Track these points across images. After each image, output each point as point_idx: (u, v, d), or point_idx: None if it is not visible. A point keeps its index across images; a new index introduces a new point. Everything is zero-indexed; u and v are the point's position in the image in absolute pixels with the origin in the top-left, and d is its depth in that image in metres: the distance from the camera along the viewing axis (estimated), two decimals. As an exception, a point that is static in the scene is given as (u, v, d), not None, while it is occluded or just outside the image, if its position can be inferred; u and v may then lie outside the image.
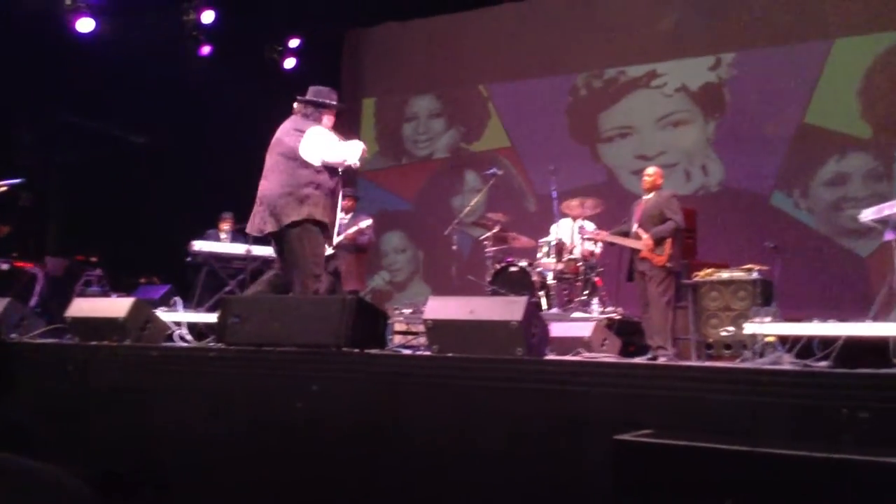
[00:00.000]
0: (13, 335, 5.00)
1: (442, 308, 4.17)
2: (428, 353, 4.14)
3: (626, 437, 2.68)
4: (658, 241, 6.60)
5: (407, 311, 7.93)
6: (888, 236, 5.19)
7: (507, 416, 3.33)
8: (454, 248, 8.31)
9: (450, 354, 3.90)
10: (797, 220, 9.16)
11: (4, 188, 6.88)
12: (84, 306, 5.17)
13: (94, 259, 9.11)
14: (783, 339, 4.93)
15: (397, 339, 7.33)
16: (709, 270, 6.90)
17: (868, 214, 5.23)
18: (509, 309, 3.92)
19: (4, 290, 7.28)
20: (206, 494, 3.89)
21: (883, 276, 5.33)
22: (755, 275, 6.62)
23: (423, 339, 5.56)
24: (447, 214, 9.80)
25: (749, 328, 5.32)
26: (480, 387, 3.48)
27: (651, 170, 7.03)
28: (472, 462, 3.37)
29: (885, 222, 5.14)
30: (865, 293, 7.68)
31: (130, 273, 9.35)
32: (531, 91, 10.84)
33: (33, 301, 8.04)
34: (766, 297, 6.42)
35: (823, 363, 4.31)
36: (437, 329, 4.06)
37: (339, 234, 7.53)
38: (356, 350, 3.98)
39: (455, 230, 8.29)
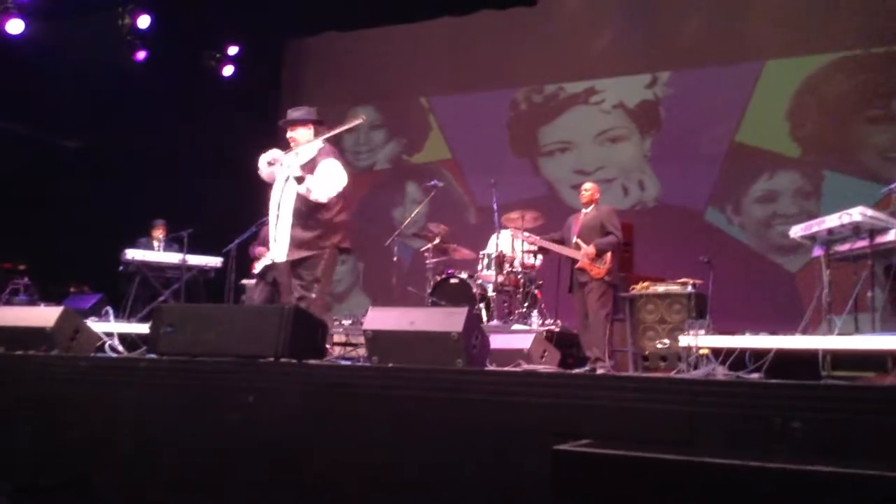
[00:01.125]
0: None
1: (382, 319, 4.14)
2: (367, 363, 4.10)
3: (564, 447, 2.69)
4: (599, 253, 6.68)
5: (347, 321, 7.87)
6: (816, 252, 5.36)
7: (446, 427, 3.32)
8: (395, 259, 8.28)
9: (390, 365, 3.87)
10: (730, 236, 9.38)
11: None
12: (10, 315, 4.99)
13: (21, 267, 8.80)
14: (716, 352, 5.04)
15: (337, 350, 7.25)
16: (645, 284, 7.01)
17: (797, 231, 5.39)
18: (450, 320, 3.92)
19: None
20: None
21: (812, 291, 5.48)
22: (690, 289, 6.76)
23: (362, 350, 5.52)
24: (388, 225, 9.78)
25: (684, 341, 5.43)
26: (420, 398, 3.46)
27: (588, 185, 7.15)
28: (410, 473, 3.34)
29: (813, 238, 5.31)
30: (795, 307, 7.88)
31: (60, 282, 9.07)
32: (472, 104, 10.91)
33: (-45, 310, 7.72)
34: (700, 310, 6.55)
35: (755, 375, 4.42)
36: (377, 340, 4.03)
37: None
38: (294, 360, 3.91)
39: (396, 241, 8.27)
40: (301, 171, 5.15)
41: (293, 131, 5.42)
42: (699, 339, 5.18)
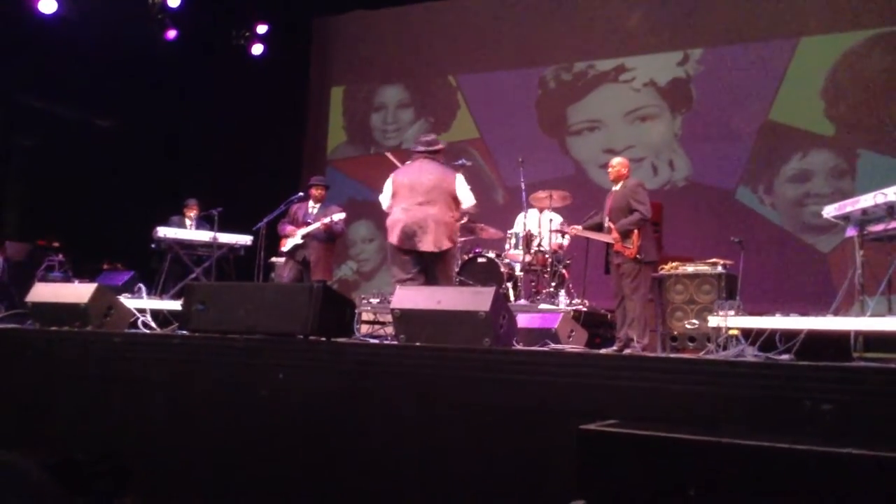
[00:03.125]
0: (-29, 320, 4.90)
1: (409, 298, 4.16)
2: (395, 342, 4.13)
3: (591, 426, 2.69)
4: (625, 234, 6.54)
5: (374, 300, 7.90)
6: (850, 232, 5.28)
7: (473, 406, 3.34)
8: (422, 238, 8.27)
9: (417, 344, 3.89)
10: (761, 216, 9.27)
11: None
12: (46, 291, 5.08)
13: (56, 244, 8.94)
14: (746, 333, 5.00)
15: (364, 328, 7.30)
16: (674, 264, 6.96)
17: (830, 211, 5.31)
18: (477, 299, 3.92)
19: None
20: (167, 482, 3.84)
21: (844, 272, 5.41)
22: (720, 269, 6.69)
23: (390, 329, 5.56)
24: (415, 204, 9.75)
25: (713, 321, 5.39)
26: (447, 376, 3.48)
27: (615, 160, 6.92)
28: (437, 451, 3.37)
29: (846, 219, 5.22)
30: (827, 288, 7.80)
31: (93, 259, 9.21)
32: (501, 83, 10.84)
33: (-7, 286, 7.89)
34: (730, 290, 6.49)
35: (786, 356, 4.38)
36: (405, 318, 4.05)
37: (309, 224, 7.49)
38: (323, 338, 3.95)
39: (423, 220, 8.24)
40: None
41: None
42: (729, 320, 5.15)
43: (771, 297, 7.61)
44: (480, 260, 7.71)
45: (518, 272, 7.69)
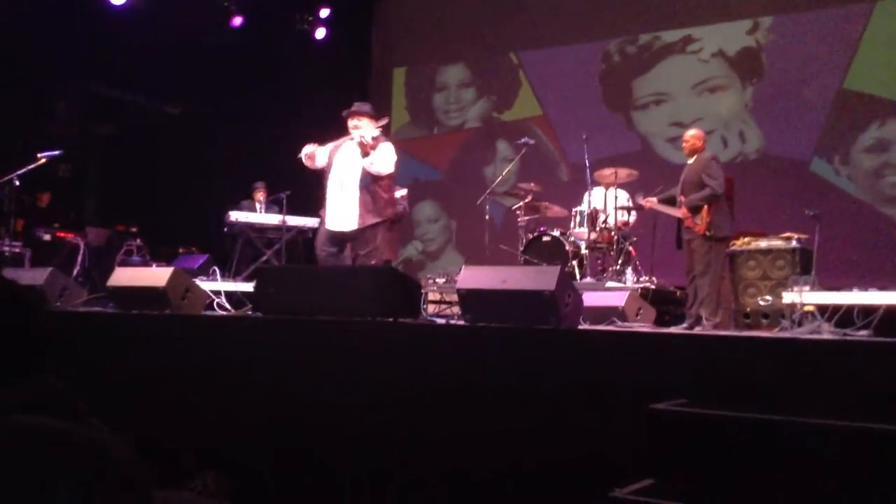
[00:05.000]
0: (56, 304, 5.11)
1: (475, 277, 4.18)
2: (461, 322, 4.16)
3: (660, 406, 2.67)
4: (695, 209, 6.36)
5: (440, 280, 7.95)
6: (931, 204, 5.08)
7: (540, 386, 3.34)
8: (487, 217, 8.29)
9: (482, 324, 3.92)
10: (837, 188, 8.98)
11: (43, 160, 7.00)
12: (125, 276, 5.27)
13: (133, 229, 9.24)
14: (822, 309, 4.89)
15: (431, 308, 7.35)
16: (747, 239, 6.80)
17: (910, 181, 5.12)
18: (542, 278, 3.92)
19: (47, 260, 7.43)
20: (244, 460, 3.96)
21: (925, 245, 5.22)
22: (794, 243, 6.52)
23: (456, 309, 5.60)
24: (479, 184, 9.77)
25: (788, 297, 5.28)
26: (513, 356, 3.49)
27: (689, 133, 6.67)
28: (504, 432, 3.39)
29: (928, 189, 5.03)
30: (907, 262, 7.54)
31: (169, 243, 9.49)
32: (563, 58, 10.70)
33: (75, 271, 8.20)
34: (805, 265, 6.32)
35: (863, 332, 4.27)
36: (470, 298, 4.08)
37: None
38: (390, 319, 4.01)
39: (487, 200, 8.26)
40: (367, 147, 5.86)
41: (359, 120, 6.30)
42: (804, 296, 5.04)
43: (848, 272, 7.38)
44: (545, 238, 7.67)
45: (584, 250, 7.63)
